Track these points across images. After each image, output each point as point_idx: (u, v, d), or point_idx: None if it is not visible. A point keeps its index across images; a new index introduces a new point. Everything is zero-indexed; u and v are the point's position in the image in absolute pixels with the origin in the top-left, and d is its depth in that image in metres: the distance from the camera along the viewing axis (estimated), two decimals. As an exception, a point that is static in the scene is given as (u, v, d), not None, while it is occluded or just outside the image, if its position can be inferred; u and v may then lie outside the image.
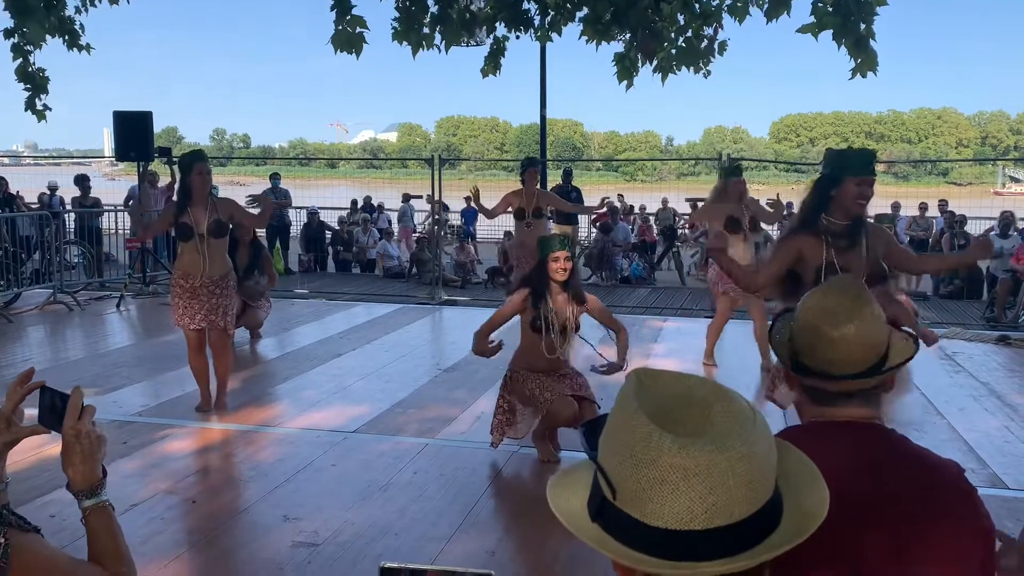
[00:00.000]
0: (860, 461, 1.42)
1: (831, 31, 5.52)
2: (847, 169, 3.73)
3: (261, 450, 5.08)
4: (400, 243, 15.45)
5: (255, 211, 6.03)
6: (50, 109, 7.61)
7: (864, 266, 3.75)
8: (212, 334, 5.70)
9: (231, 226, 5.87)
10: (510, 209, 8.32)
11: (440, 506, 4.25)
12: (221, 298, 5.64)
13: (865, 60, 5.52)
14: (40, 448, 4.38)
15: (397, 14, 6.16)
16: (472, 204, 8.52)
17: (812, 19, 5.58)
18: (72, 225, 12.67)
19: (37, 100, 7.48)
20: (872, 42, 5.51)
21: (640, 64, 6.17)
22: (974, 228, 14.69)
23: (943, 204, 14.73)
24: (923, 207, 14.44)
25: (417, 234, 15.92)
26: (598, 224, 14.32)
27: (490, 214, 8.55)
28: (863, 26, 5.48)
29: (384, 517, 4.09)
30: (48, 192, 15.84)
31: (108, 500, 1.62)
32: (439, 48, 6.43)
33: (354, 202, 17.94)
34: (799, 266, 3.80)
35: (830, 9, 5.54)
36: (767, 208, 7.51)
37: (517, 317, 4.83)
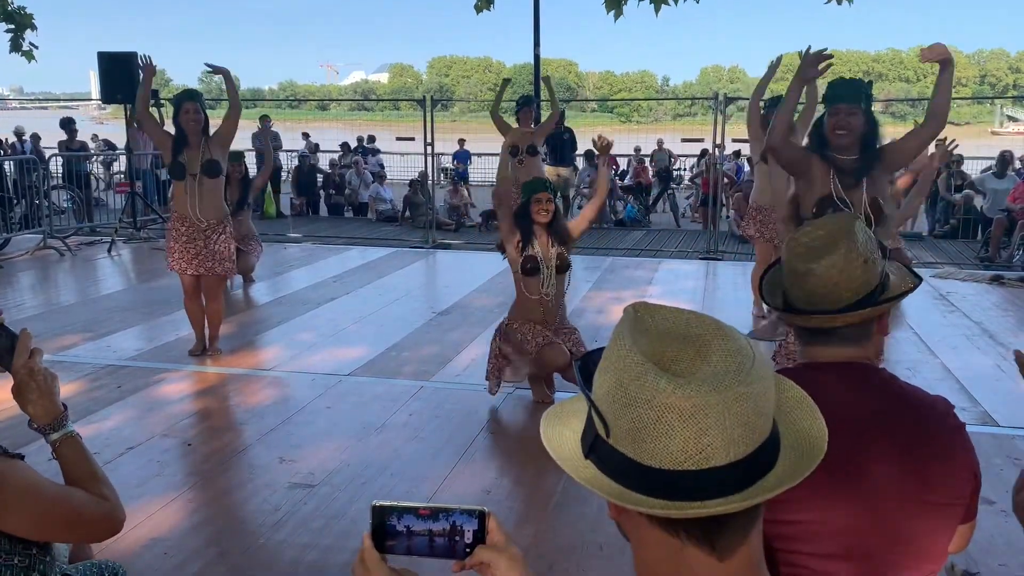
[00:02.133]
0: (846, 399, 1.41)
1: None
2: (828, 99, 3.73)
3: (256, 393, 5.09)
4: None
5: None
6: (37, 47, 7.44)
7: (865, 204, 3.72)
8: (207, 280, 5.66)
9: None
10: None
11: (435, 447, 4.28)
12: (217, 243, 5.58)
13: None
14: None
15: None
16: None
17: None
18: (60, 170, 12.51)
19: (22, 40, 7.31)
20: None
21: None
22: (971, 168, 14.61)
23: (940, 143, 14.59)
24: (920, 147, 14.32)
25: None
26: (592, 165, 14.19)
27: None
28: None
29: (379, 458, 4.11)
30: (15, 137, 15.56)
31: (74, 430, 1.67)
32: None
33: (345, 144, 17.67)
34: (802, 190, 3.80)
35: None
36: None
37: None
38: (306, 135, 18.06)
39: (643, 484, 0.85)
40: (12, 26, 7.20)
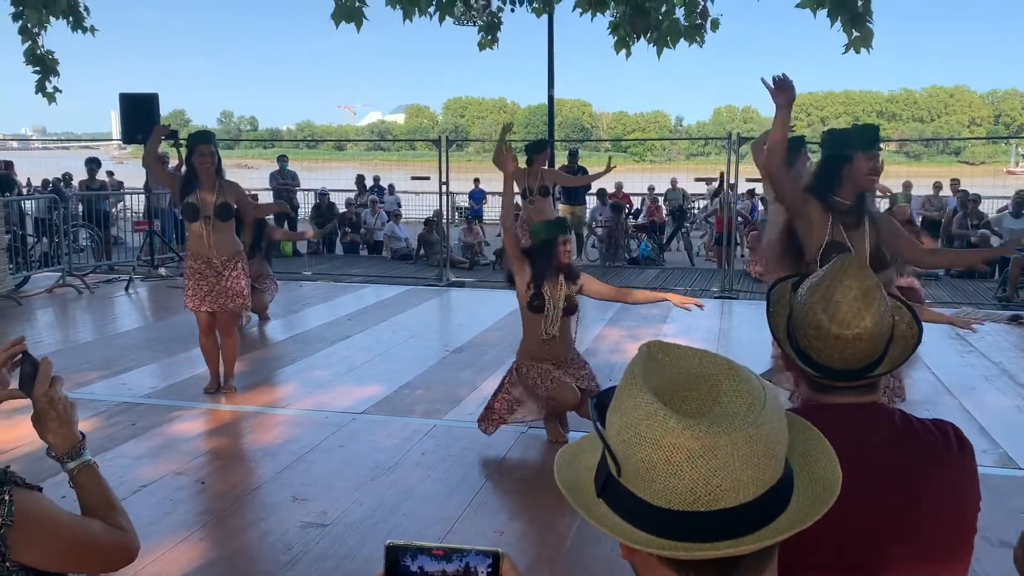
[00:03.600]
0: (861, 442, 1.40)
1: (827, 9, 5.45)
2: (857, 145, 3.62)
3: (269, 431, 5.10)
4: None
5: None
6: (60, 91, 7.62)
7: (868, 249, 3.66)
8: (221, 316, 5.70)
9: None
10: (517, 189, 8.30)
11: (448, 487, 4.26)
12: (230, 280, 5.64)
13: (861, 36, 5.45)
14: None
15: None
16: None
17: None
18: (80, 209, 12.72)
19: (47, 83, 7.50)
20: (868, 20, 5.44)
21: (635, 38, 6.12)
22: (987, 208, 14.56)
23: (955, 183, 14.58)
24: (937, 186, 14.31)
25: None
26: (609, 204, 14.23)
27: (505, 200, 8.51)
28: (860, 2, 5.41)
29: (392, 497, 4.09)
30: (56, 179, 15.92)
31: (92, 459, 1.67)
32: (430, 16, 6.36)
33: (360, 178, 17.61)
34: (803, 233, 3.72)
35: None
36: None
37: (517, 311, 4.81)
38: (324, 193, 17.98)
39: (653, 524, 0.85)
40: (39, 69, 7.40)
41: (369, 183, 17.80)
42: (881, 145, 3.75)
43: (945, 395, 5.85)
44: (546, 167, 8.42)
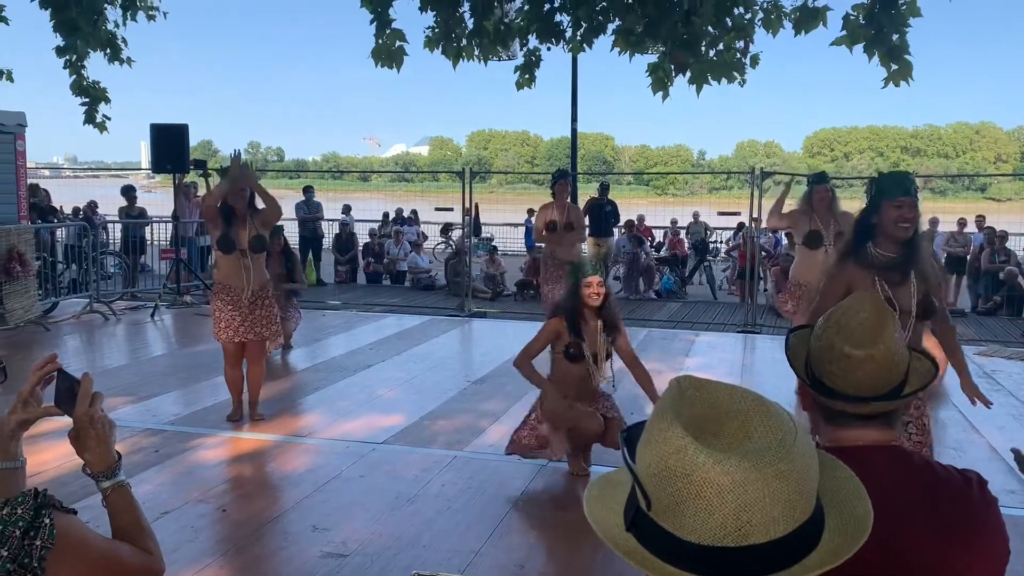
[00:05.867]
0: (880, 485, 1.38)
1: (863, 44, 5.47)
2: (883, 193, 3.48)
3: (291, 460, 5.11)
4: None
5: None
6: (110, 119, 7.80)
7: (914, 302, 3.53)
8: (251, 345, 5.77)
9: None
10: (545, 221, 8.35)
11: (469, 519, 4.23)
12: (262, 309, 5.72)
13: (900, 69, 5.46)
14: (74, 455, 4.42)
15: (435, 25, 6.23)
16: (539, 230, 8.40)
17: (844, 32, 5.54)
18: (117, 235, 12.98)
19: (96, 112, 7.69)
20: (906, 52, 5.45)
21: (673, 76, 6.15)
22: (1015, 244, 14.40)
23: (980, 220, 14.46)
24: (962, 223, 14.19)
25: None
26: (631, 236, 14.25)
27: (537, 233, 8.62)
28: (896, 36, 5.42)
29: (412, 529, 4.08)
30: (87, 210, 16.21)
31: (126, 479, 1.69)
32: (478, 59, 6.49)
33: (385, 215, 18.07)
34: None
35: (862, 22, 5.49)
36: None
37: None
38: (347, 207, 18.25)
39: (682, 559, 0.85)
40: (87, 99, 7.60)
41: (392, 215, 18.01)
42: (918, 191, 3.52)
43: (973, 433, 5.76)
44: (567, 196, 8.46)
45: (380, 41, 5.97)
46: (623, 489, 0.96)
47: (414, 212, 18.95)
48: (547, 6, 6.44)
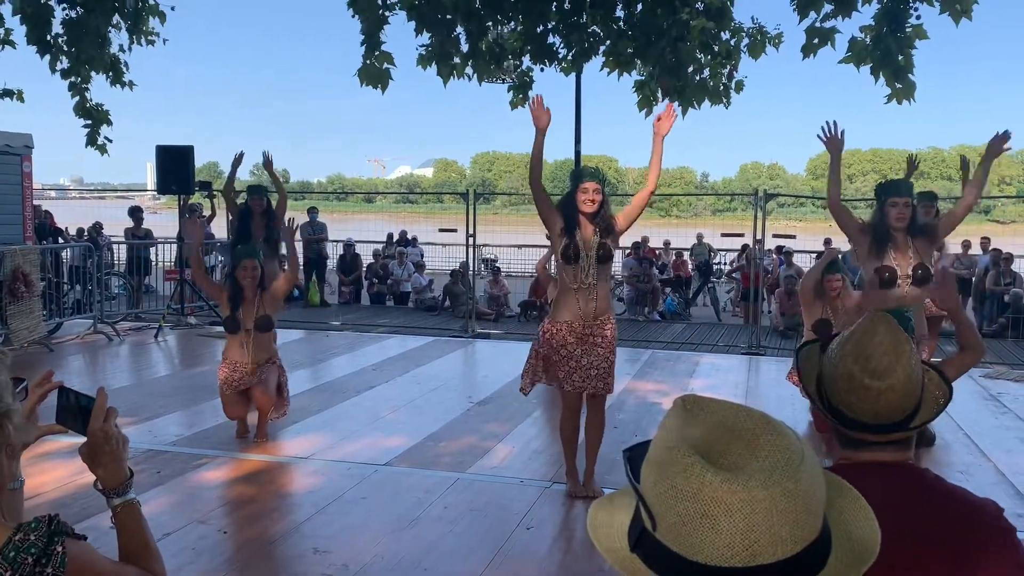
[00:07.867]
0: (893, 504, 1.37)
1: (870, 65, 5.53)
2: (885, 193, 4.73)
3: (293, 482, 5.08)
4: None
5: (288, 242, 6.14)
6: (111, 141, 7.85)
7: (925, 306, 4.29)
8: (254, 388, 5.82)
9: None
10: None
11: (470, 541, 4.20)
12: (266, 373, 5.82)
13: (903, 88, 5.52)
14: (76, 476, 4.42)
15: (429, 44, 6.30)
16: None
17: (850, 54, 5.60)
18: (122, 256, 13.03)
19: (97, 134, 7.75)
20: (910, 72, 5.51)
21: (660, 97, 6.25)
22: (1020, 267, 14.36)
23: (986, 241, 14.44)
24: (966, 245, 14.17)
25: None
26: (636, 258, 14.23)
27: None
28: (901, 57, 5.48)
29: (414, 551, 4.04)
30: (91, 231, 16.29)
31: (136, 498, 1.67)
32: (469, 77, 6.55)
33: (390, 236, 18.10)
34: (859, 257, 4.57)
35: (868, 43, 5.54)
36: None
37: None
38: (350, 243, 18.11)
39: (689, 580, 0.83)
40: (89, 122, 7.66)
41: (396, 236, 18.06)
42: (914, 196, 4.90)
43: (980, 457, 5.71)
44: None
45: (367, 62, 6.03)
46: (627, 509, 0.95)
47: (414, 238, 18.99)
48: (540, 28, 6.51)
